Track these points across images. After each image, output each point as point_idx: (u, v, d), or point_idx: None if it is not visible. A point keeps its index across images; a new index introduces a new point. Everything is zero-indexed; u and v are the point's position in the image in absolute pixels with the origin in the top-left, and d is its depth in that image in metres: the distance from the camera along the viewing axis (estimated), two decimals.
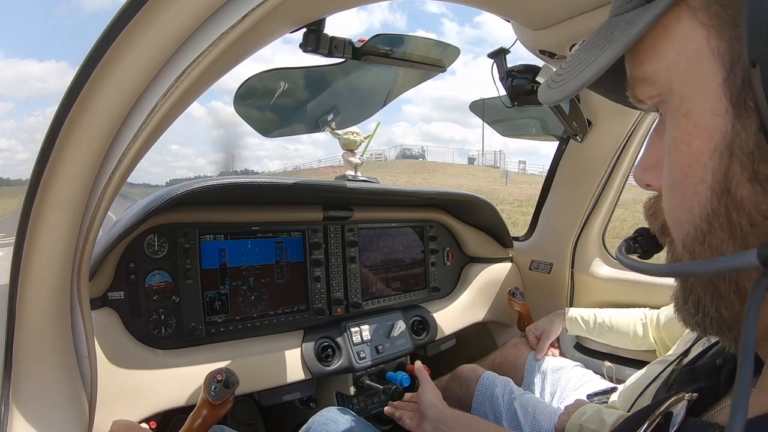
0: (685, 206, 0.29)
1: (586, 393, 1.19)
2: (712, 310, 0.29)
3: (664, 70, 0.28)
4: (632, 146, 1.42)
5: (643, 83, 0.30)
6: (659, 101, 0.30)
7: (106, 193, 0.56)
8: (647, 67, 0.29)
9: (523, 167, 34.09)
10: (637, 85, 0.31)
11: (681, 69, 0.27)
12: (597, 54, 0.30)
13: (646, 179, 0.33)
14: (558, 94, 0.32)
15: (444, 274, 1.57)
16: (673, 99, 0.28)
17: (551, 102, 0.34)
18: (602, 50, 0.29)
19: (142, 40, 0.50)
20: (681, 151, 0.28)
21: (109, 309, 0.93)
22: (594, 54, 0.30)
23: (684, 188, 0.28)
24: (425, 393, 0.98)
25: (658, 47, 0.28)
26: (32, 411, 0.61)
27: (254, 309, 1.15)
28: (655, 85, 0.29)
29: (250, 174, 8.37)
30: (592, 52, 0.31)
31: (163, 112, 0.52)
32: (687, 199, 0.28)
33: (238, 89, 0.98)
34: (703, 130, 0.26)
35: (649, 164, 0.32)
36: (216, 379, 0.82)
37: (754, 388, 0.31)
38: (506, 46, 1.06)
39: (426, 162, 33.58)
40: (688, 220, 0.29)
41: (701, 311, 0.30)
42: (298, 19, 0.63)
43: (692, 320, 0.31)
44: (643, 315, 1.29)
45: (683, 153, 0.28)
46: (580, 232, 1.56)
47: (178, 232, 1.03)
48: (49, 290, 0.62)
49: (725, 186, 0.26)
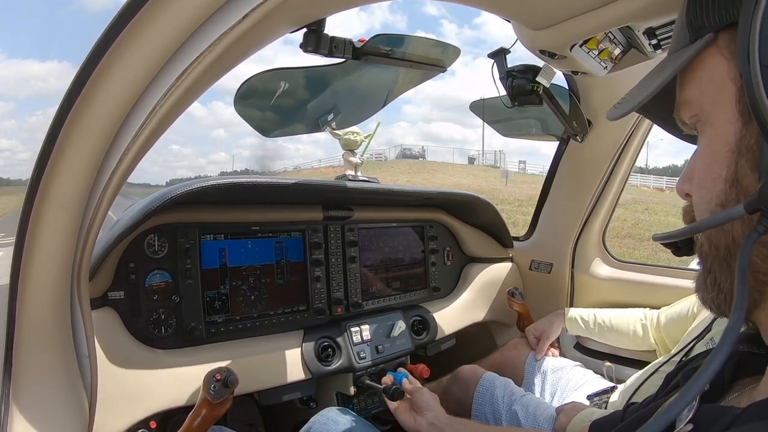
0: (705, 197, 0.37)
1: (586, 393, 1.19)
2: (726, 285, 0.36)
3: (698, 94, 0.37)
4: (632, 146, 1.42)
5: (684, 105, 0.39)
6: (696, 120, 0.38)
7: (106, 193, 0.56)
8: (687, 92, 0.39)
9: (523, 167, 34.10)
10: (680, 108, 0.40)
11: (710, 91, 0.36)
12: (653, 80, 0.40)
13: (684, 188, 0.41)
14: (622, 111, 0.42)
15: (444, 274, 1.57)
16: (703, 114, 0.37)
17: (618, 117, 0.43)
18: (657, 77, 0.40)
19: (143, 40, 0.50)
20: (706, 153, 0.37)
21: (109, 309, 0.93)
22: (651, 80, 0.41)
23: (706, 182, 0.36)
24: (423, 393, 0.99)
25: (696, 76, 0.38)
26: (32, 411, 0.61)
27: (254, 309, 1.15)
28: (692, 106, 0.38)
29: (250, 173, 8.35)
30: (649, 80, 0.42)
31: (163, 112, 0.52)
32: (708, 191, 0.36)
33: (238, 89, 0.98)
34: (721, 135, 0.35)
35: (687, 177, 0.40)
36: (215, 379, 0.82)
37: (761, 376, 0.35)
38: (506, 47, 1.06)
39: (426, 162, 33.58)
40: (707, 209, 0.36)
41: (717, 288, 0.37)
42: (298, 19, 0.63)
43: (709, 297, 0.38)
44: (643, 315, 1.29)
45: (707, 154, 0.37)
46: (580, 232, 1.56)
47: (178, 232, 1.03)
48: (49, 290, 0.62)
49: (735, 176, 0.34)
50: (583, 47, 0.87)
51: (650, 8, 0.69)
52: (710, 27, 0.36)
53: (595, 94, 1.30)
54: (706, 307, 0.39)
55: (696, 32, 0.37)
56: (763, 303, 0.35)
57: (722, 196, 0.35)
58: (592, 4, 0.71)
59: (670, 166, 44.25)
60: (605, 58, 0.91)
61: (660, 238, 0.41)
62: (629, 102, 0.42)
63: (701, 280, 0.39)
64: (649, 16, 0.72)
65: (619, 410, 0.56)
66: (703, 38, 0.36)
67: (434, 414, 0.94)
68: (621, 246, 8.92)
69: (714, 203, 0.35)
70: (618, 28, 0.80)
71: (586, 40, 0.84)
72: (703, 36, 0.36)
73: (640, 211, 13.96)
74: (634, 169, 1.54)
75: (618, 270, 1.54)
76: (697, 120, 0.38)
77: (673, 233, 0.39)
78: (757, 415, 0.31)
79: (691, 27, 0.38)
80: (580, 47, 0.86)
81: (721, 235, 0.36)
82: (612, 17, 0.72)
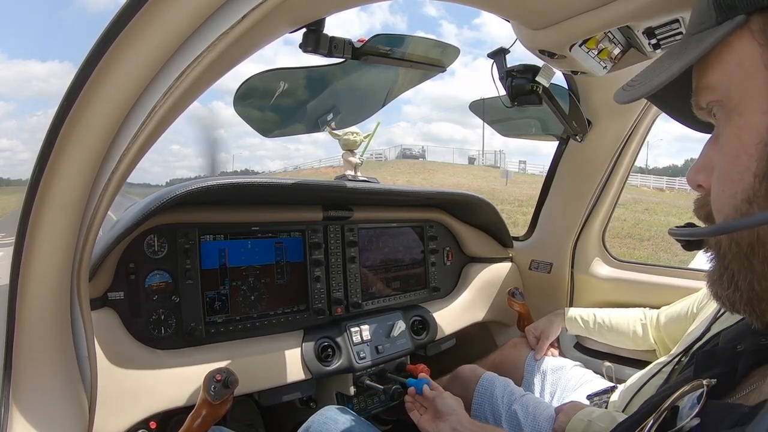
0: (728, 191, 0.34)
1: (586, 393, 1.19)
2: (744, 284, 0.34)
3: (725, 79, 0.35)
4: (632, 146, 1.42)
5: (705, 90, 0.37)
6: (717, 105, 0.36)
7: (106, 193, 0.56)
8: (711, 76, 0.36)
9: (523, 167, 34.10)
10: (700, 92, 0.37)
11: (739, 78, 0.34)
12: (672, 62, 0.37)
13: (698, 180, 0.38)
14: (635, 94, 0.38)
15: (444, 274, 1.57)
16: (729, 102, 0.35)
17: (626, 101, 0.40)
18: (676, 59, 0.37)
19: (142, 40, 0.50)
20: (732, 143, 0.34)
21: (109, 309, 0.93)
22: (668, 63, 0.37)
23: (731, 175, 0.34)
24: (446, 397, 0.98)
25: (722, 60, 0.35)
26: (32, 411, 0.61)
27: (254, 309, 1.15)
28: (716, 91, 0.36)
29: (250, 174, 8.36)
30: (666, 62, 0.38)
31: (163, 112, 0.52)
32: (732, 185, 0.34)
33: (238, 89, 0.98)
34: (752, 125, 0.33)
35: (701, 167, 0.38)
36: (215, 379, 0.82)
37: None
38: (506, 46, 1.06)
39: (426, 162, 33.56)
40: (730, 204, 0.34)
41: (734, 286, 0.35)
42: (297, 19, 0.63)
43: (724, 293, 0.36)
44: (642, 315, 1.29)
45: (734, 145, 0.34)
46: (580, 232, 1.56)
47: (178, 233, 1.03)
48: (49, 290, 0.62)
49: (766, 171, 0.32)
50: (583, 47, 0.87)
51: (650, 8, 0.69)
52: (742, 8, 0.33)
53: (594, 94, 1.30)
54: (718, 302, 0.37)
55: (724, 12, 0.34)
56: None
57: (750, 190, 0.32)
58: (592, 4, 0.71)
59: (670, 166, 44.29)
60: (605, 57, 0.91)
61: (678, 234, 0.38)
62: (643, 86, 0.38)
63: (716, 276, 0.37)
64: (649, 16, 0.72)
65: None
66: (734, 20, 0.33)
67: (457, 418, 0.92)
68: (621, 246, 8.93)
69: (740, 198, 0.33)
70: (617, 28, 0.80)
71: (586, 40, 0.85)
72: (734, 17, 0.33)
73: (640, 211, 13.96)
74: (634, 169, 1.54)
75: (618, 270, 1.54)
76: (719, 105, 0.36)
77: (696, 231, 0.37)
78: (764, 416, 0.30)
79: (719, 6, 0.34)
80: (580, 47, 0.86)
81: (744, 232, 0.33)
82: (611, 17, 0.72)
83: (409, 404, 1.06)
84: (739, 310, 0.36)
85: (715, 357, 0.42)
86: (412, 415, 1.03)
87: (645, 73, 0.40)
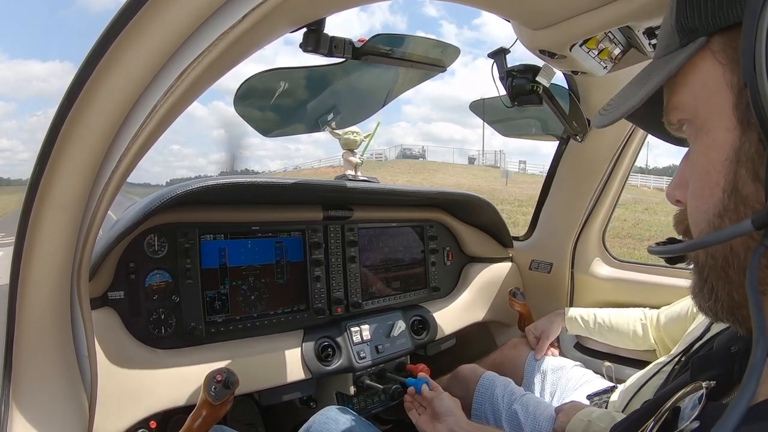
0: (701, 207, 0.35)
1: (586, 393, 1.19)
2: (724, 295, 0.35)
3: (692, 99, 0.36)
4: (632, 146, 1.42)
5: (675, 109, 0.38)
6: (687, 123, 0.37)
7: (106, 193, 0.56)
8: (678, 97, 0.37)
9: (523, 167, 34.09)
10: (670, 111, 0.39)
11: (704, 97, 0.35)
12: (640, 87, 0.39)
13: (675, 195, 0.40)
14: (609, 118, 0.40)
15: (444, 274, 1.57)
16: (697, 120, 0.36)
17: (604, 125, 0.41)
18: (644, 84, 0.38)
19: (142, 39, 0.50)
20: (702, 161, 0.35)
21: (109, 309, 0.93)
22: (637, 88, 0.39)
23: (703, 191, 0.35)
24: (445, 398, 0.98)
25: (688, 81, 0.36)
26: (32, 411, 0.61)
27: (254, 309, 1.15)
28: (684, 110, 0.37)
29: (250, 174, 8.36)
30: (636, 87, 0.40)
31: (163, 112, 0.52)
32: (705, 201, 0.35)
33: (238, 89, 0.98)
34: (718, 143, 0.34)
35: (678, 183, 0.40)
36: (216, 380, 0.82)
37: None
38: (506, 46, 1.06)
39: (426, 162, 33.56)
40: (704, 219, 0.35)
41: (714, 297, 0.36)
42: (298, 19, 0.63)
43: (706, 305, 0.37)
44: (642, 315, 1.29)
45: (703, 162, 0.35)
46: (580, 232, 1.56)
47: (178, 232, 1.03)
48: (49, 290, 0.62)
49: (734, 186, 0.33)
50: (583, 47, 0.87)
51: (650, 8, 0.69)
52: (703, 30, 0.34)
53: (594, 94, 1.30)
54: (702, 313, 0.38)
55: (687, 35, 0.36)
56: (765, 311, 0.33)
57: (720, 206, 0.34)
58: (592, 4, 0.71)
59: (670, 166, 44.25)
60: (605, 57, 0.91)
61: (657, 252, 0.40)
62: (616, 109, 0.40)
63: (697, 288, 0.38)
64: (649, 16, 0.72)
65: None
66: (696, 42, 0.35)
67: (455, 419, 0.92)
68: (621, 246, 8.92)
69: (711, 213, 0.34)
70: (618, 28, 0.80)
71: (586, 40, 0.84)
72: (695, 39, 0.35)
73: (641, 211, 13.96)
74: (634, 169, 1.54)
75: (618, 270, 1.54)
76: (690, 124, 0.37)
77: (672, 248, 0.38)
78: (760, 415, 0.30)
79: (681, 30, 0.36)
80: (580, 47, 0.86)
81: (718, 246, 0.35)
82: (612, 17, 0.72)
83: (408, 404, 1.07)
84: (723, 319, 0.37)
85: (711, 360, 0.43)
86: (411, 414, 1.03)
87: (619, 97, 0.42)
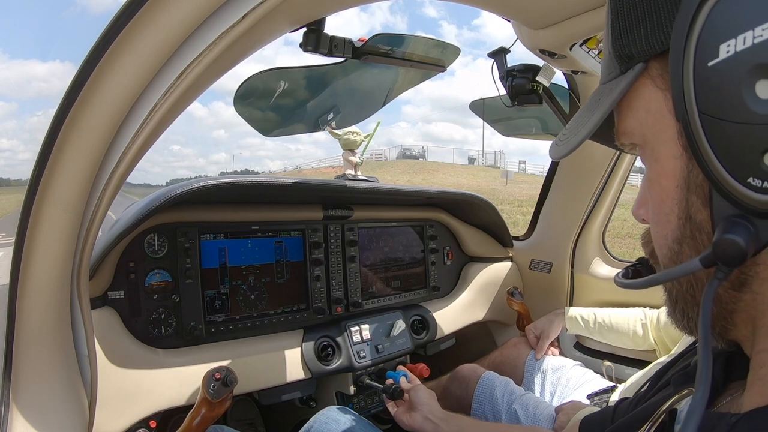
0: (662, 233, 0.35)
1: (586, 392, 1.19)
2: (694, 315, 0.35)
3: (638, 125, 0.35)
4: None
5: (624, 135, 0.38)
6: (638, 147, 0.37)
7: (106, 193, 0.56)
8: (626, 122, 0.37)
9: (523, 167, 34.10)
10: (621, 136, 0.38)
11: (649, 124, 0.34)
12: (590, 115, 0.38)
13: (641, 214, 0.40)
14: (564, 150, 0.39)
15: (444, 274, 1.57)
16: (646, 147, 0.35)
17: (561, 156, 0.40)
18: (593, 112, 0.37)
19: (142, 39, 0.50)
20: (655, 188, 0.35)
21: (109, 308, 0.93)
22: (588, 115, 0.38)
23: (660, 218, 0.35)
24: (418, 390, 1.00)
25: (632, 107, 0.35)
26: (32, 411, 0.61)
27: (254, 308, 1.15)
28: (633, 136, 0.37)
29: (250, 174, 8.37)
30: (587, 114, 0.39)
31: (162, 112, 0.52)
32: (663, 227, 0.35)
33: (237, 89, 0.98)
34: (668, 171, 0.33)
35: (641, 203, 0.39)
36: (214, 378, 0.82)
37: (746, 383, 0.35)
38: (506, 46, 1.06)
39: (426, 162, 33.57)
40: (665, 245, 0.35)
41: (686, 318, 0.36)
42: (298, 19, 0.63)
43: (681, 324, 0.37)
44: (642, 315, 1.29)
45: (656, 190, 0.35)
46: (580, 232, 1.56)
47: (178, 232, 1.03)
48: (49, 290, 0.62)
49: (687, 213, 0.32)
50: (583, 47, 0.87)
51: None
52: (639, 56, 0.33)
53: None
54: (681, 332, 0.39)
55: (625, 62, 0.35)
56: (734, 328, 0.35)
57: (677, 231, 0.34)
58: (592, 3, 0.71)
59: None
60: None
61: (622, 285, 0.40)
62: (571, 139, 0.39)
63: (670, 309, 0.38)
64: None
65: (611, 407, 0.56)
66: (634, 69, 0.34)
67: (429, 408, 0.95)
68: (621, 246, 8.92)
69: (671, 239, 0.34)
70: None
71: (586, 40, 0.85)
72: (633, 66, 0.34)
73: None
74: (634, 169, 1.54)
75: (618, 270, 1.54)
76: (640, 148, 0.37)
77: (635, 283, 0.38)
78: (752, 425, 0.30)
79: (618, 57, 0.35)
80: (580, 47, 0.86)
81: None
82: None
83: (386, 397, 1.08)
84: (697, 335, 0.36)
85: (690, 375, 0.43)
86: (389, 406, 1.05)
87: (571, 127, 0.41)
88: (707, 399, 0.29)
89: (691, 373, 0.43)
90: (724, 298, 0.33)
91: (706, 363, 0.30)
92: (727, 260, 0.29)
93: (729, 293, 0.33)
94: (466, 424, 0.93)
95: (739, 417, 0.31)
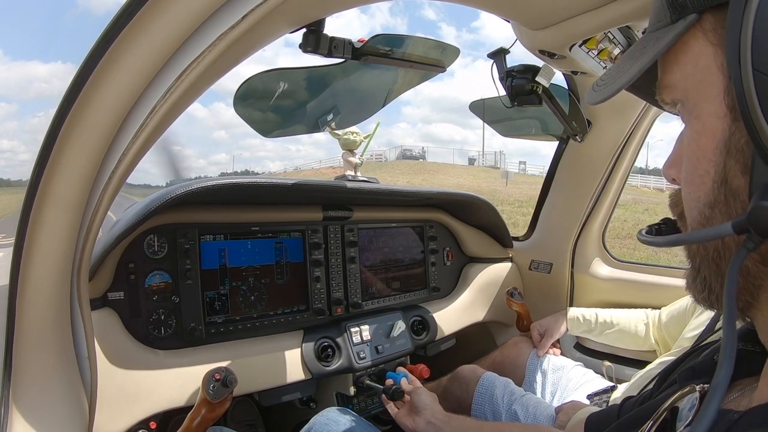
0: (694, 194, 0.34)
1: (586, 393, 1.19)
2: (717, 286, 0.34)
3: (683, 79, 0.34)
4: (631, 146, 1.42)
5: (667, 88, 0.36)
6: (679, 103, 0.35)
7: (106, 193, 0.56)
8: (670, 75, 0.35)
9: (523, 168, 34.11)
10: (663, 90, 0.37)
11: (695, 79, 0.33)
12: (632, 63, 0.36)
13: (671, 174, 0.38)
14: (601, 95, 0.39)
15: (444, 274, 1.57)
16: (688, 103, 0.34)
17: (596, 102, 0.39)
18: (636, 60, 0.36)
19: (142, 40, 0.50)
20: (692, 147, 0.34)
21: (109, 309, 0.93)
22: (630, 63, 0.37)
23: (694, 179, 0.34)
24: (420, 393, 0.99)
25: (679, 60, 0.34)
26: (32, 411, 0.61)
27: (254, 309, 1.14)
28: (676, 90, 0.35)
29: (250, 174, 8.36)
30: (629, 62, 0.38)
31: (162, 113, 0.52)
32: (696, 189, 0.34)
33: (237, 90, 0.98)
34: (709, 129, 0.32)
35: (673, 162, 0.38)
36: (214, 378, 0.82)
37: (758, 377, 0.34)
38: (505, 47, 1.06)
39: (426, 163, 33.57)
40: (696, 207, 0.34)
41: (707, 289, 0.35)
42: (297, 20, 0.63)
43: (700, 296, 0.36)
44: (645, 315, 1.29)
45: (693, 149, 0.33)
46: (579, 232, 1.56)
47: (177, 233, 1.03)
48: (49, 290, 0.62)
49: (724, 177, 0.31)
50: (583, 47, 0.87)
51: (649, 8, 0.69)
52: (693, 7, 0.32)
53: None
54: (698, 304, 0.37)
55: (677, 11, 0.33)
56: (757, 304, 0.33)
57: (710, 195, 0.32)
58: (592, 4, 0.71)
59: None
60: (604, 57, 0.91)
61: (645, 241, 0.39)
62: (609, 85, 0.38)
63: (691, 279, 0.37)
64: (649, 16, 0.72)
65: (616, 405, 0.56)
66: (686, 19, 0.32)
67: (432, 412, 0.94)
68: (621, 247, 8.91)
69: (703, 202, 0.33)
70: (617, 28, 0.81)
71: (586, 40, 0.85)
72: (686, 16, 0.32)
73: (641, 212, 13.94)
74: (634, 169, 1.55)
75: (618, 270, 1.54)
76: (681, 104, 0.35)
77: (657, 240, 0.38)
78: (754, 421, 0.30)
79: (671, 5, 0.34)
80: (580, 47, 0.86)
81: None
82: (611, 17, 0.72)
83: (385, 398, 1.07)
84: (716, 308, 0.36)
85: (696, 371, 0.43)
86: (389, 408, 1.05)
87: (611, 72, 0.40)
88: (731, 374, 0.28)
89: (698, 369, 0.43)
90: (751, 271, 0.31)
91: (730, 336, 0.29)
92: (761, 229, 0.27)
93: (757, 266, 0.31)
94: (468, 426, 0.93)
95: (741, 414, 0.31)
